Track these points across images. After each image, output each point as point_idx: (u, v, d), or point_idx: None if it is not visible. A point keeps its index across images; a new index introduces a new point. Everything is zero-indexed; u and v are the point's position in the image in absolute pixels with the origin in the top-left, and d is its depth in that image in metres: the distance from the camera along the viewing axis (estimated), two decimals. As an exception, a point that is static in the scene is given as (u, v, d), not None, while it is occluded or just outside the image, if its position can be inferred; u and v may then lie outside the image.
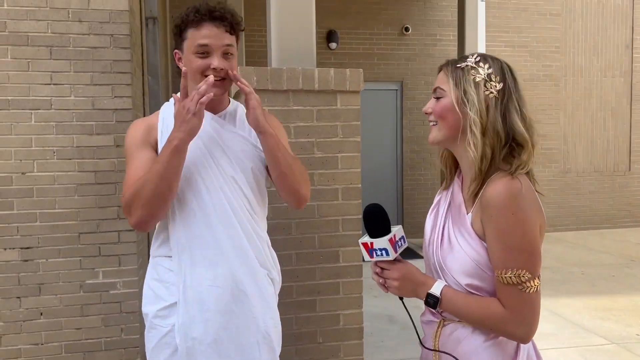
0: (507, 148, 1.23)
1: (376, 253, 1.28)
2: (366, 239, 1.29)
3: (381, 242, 1.26)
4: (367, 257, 1.30)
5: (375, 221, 1.28)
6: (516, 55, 7.88)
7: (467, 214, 1.26)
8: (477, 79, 1.24)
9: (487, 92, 1.23)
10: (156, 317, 1.68)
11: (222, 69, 1.61)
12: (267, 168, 1.75)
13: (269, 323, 1.72)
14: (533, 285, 1.17)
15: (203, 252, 1.64)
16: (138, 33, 3.38)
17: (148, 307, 1.71)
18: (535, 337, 1.27)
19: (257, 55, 6.71)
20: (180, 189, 1.63)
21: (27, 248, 2.92)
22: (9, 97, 2.85)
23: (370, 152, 7.60)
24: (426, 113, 1.33)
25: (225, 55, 1.63)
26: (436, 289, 1.26)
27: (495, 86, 1.24)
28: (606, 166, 8.44)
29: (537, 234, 1.19)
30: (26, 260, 2.93)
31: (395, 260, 1.30)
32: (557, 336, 3.92)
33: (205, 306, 1.63)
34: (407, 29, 7.55)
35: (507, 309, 1.19)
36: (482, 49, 6.12)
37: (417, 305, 1.34)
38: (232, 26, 1.63)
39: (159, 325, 1.67)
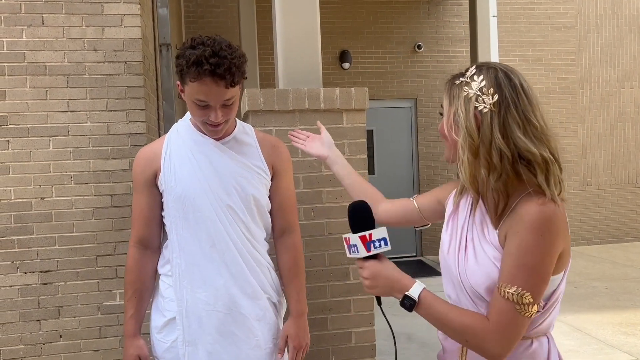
0: (525, 163, 1.14)
1: (351, 249, 1.25)
2: (347, 234, 1.27)
3: (354, 239, 1.23)
4: (347, 253, 1.27)
5: (354, 217, 1.25)
6: (531, 69, 7.86)
7: (495, 229, 1.20)
8: (470, 95, 1.17)
9: (479, 107, 1.15)
10: (159, 332, 1.74)
11: (223, 119, 1.61)
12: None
13: (271, 344, 1.75)
14: (530, 311, 1.12)
15: (203, 278, 1.67)
16: (152, 59, 3.48)
17: (152, 322, 1.78)
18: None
19: (271, 77, 6.81)
20: (177, 215, 1.68)
21: (47, 271, 3.00)
22: (28, 125, 2.96)
23: (386, 169, 7.61)
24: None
25: (225, 106, 1.60)
26: (414, 291, 1.18)
27: (489, 99, 1.15)
28: (628, 178, 8.29)
29: (553, 263, 1.13)
30: (45, 284, 3.00)
31: (370, 257, 1.24)
32: (579, 352, 3.83)
33: (206, 330, 1.67)
34: (419, 47, 7.60)
35: (492, 323, 1.13)
36: (495, 63, 6.11)
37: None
38: (234, 81, 1.56)
39: (161, 341, 1.73)
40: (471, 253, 1.24)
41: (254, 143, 1.78)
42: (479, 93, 1.16)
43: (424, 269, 6.93)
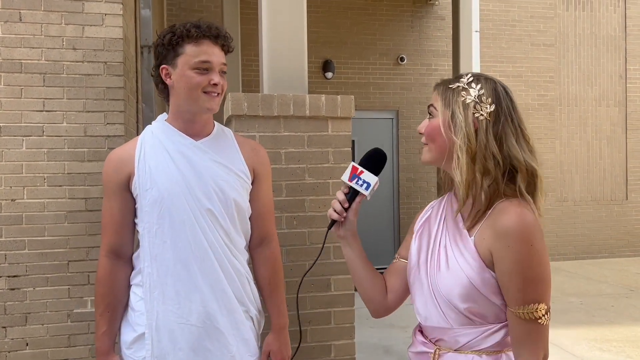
0: (514, 172, 1.19)
1: (358, 181, 1.32)
2: (359, 165, 1.35)
3: (370, 177, 1.32)
4: (346, 177, 1.34)
5: (376, 161, 1.34)
6: (511, 85, 7.92)
7: (471, 237, 1.20)
8: (467, 101, 1.20)
9: (476, 115, 1.19)
10: (128, 347, 1.64)
11: (221, 85, 1.62)
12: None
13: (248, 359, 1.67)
14: (548, 317, 1.15)
15: (176, 288, 1.58)
16: (132, 61, 3.40)
17: (122, 336, 1.68)
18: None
19: (253, 84, 6.76)
20: (151, 221, 1.58)
21: (15, 276, 2.88)
22: (1, 124, 2.85)
23: (366, 181, 7.58)
24: (419, 133, 1.30)
25: (222, 73, 1.63)
26: None
27: (487, 108, 1.20)
28: (603, 195, 8.42)
29: (549, 264, 1.16)
30: (13, 289, 2.88)
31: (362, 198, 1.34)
32: (556, 368, 3.83)
33: (178, 345, 1.58)
34: (402, 59, 7.63)
35: (522, 344, 1.15)
36: (476, 78, 6.16)
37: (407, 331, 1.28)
38: (228, 46, 1.66)
39: (130, 357, 1.63)
40: (443, 259, 1.23)
41: (234, 144, 1.71)
42: (477, 100, 1.21)
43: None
